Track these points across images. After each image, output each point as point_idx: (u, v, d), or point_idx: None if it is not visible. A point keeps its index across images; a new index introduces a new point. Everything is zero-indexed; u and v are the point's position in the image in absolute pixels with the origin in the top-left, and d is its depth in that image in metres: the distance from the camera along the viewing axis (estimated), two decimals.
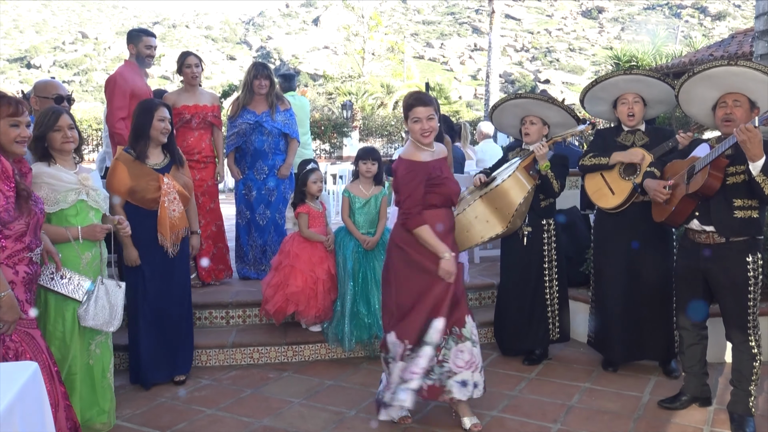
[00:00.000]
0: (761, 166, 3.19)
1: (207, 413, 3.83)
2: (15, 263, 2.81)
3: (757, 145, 3.15)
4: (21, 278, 2.83)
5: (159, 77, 69.29)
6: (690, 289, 3.64)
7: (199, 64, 5.49)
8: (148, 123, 3.99)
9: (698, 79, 3.55)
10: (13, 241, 2.79)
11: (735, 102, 3.40)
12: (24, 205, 2.78)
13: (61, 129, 3.33)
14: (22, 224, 2.80)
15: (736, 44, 14.40)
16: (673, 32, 33.91)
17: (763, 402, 3.83)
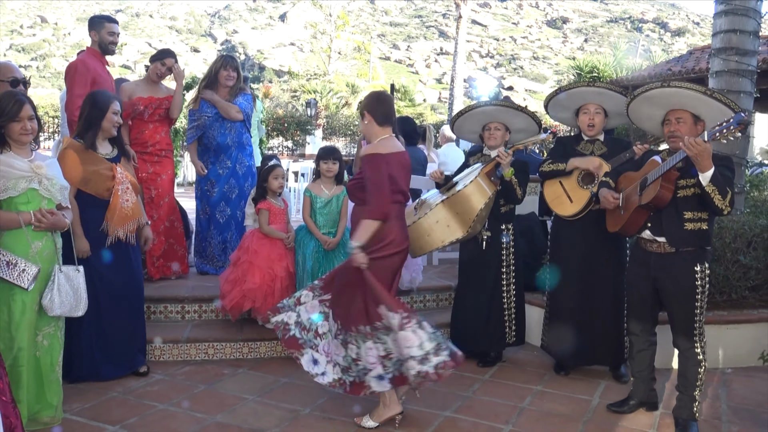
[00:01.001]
0: (710, 177, 3.29)
1: (159, 408, 3.79)
2: None
3: (706, 157, 3.26)
4: None
5: (120, 66, 67.91)
6: (640, 296, 3.73)
7: (172, 68, 5.39)
8: (101, 115, 3.94)
9: (640, 100, 3.72)
10: None
11: (677, 119, 3.54)
12: None
13: (21, 120, 3.27)
14: None
15: (693, 60, 14.77)
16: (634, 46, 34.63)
17: (707, 407, 3.95)
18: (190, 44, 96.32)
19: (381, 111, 3.66)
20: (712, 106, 3.44)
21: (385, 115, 3.66)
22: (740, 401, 4.09)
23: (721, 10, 5.75)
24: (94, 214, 3.94)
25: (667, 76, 14.00)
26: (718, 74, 5.76)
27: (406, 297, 5.36)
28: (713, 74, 5.83)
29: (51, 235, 3.44)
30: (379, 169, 3.52)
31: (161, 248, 5.46)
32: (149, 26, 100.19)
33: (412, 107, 33.12)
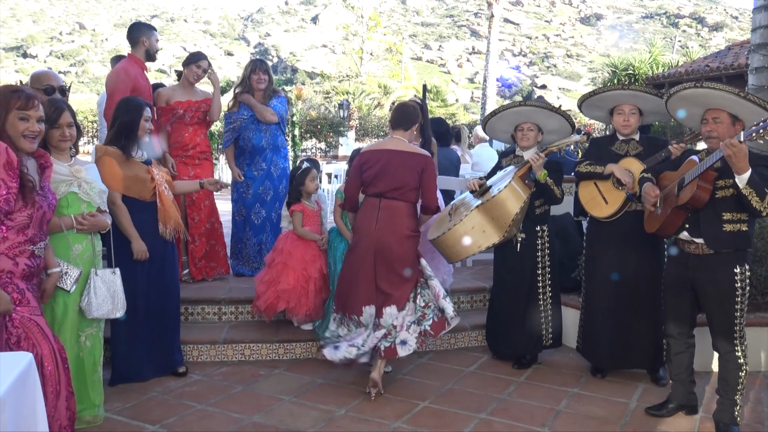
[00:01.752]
0: (747, 179, 3.24)
1: (197, 408, 3.85)
2: (15, 255, 2.79)
3: (742, 158, 3.21)
4: (21, 270, 2.81)
5: (156, 70, 69.10)
6: (678, 298, 3.68)
7: (207, 70, 5.47)
8: (136, 123, 4.02)
9: (675, 99, 3.68)
10: (15, 232, 2.78)
11: (714, 119, 3.48)
12: (28, 197, 2.77)
13: (60, 127, 3.34)
14: (25, 216, 2.79)
15: (732, 56, 14.47)
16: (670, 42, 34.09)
17: (748, 412, 3.88)
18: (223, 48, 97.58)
19: (391, 116, 4.38)
20: (748, 107, 3.38)
21: (393, 120, 4.32)
22: None
23: (761, 4, 5.63)
24: (139, 217, 4.02)
25: (704, 73, 13.75)
26: (758, 70, 5.65)
27: None
28: (752, 70, 5.71)
29: (90, 238, 3.52)
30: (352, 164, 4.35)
31: (203, 249, 5.54)
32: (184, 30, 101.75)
33: (444, 107, 33.03)
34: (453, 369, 4.59)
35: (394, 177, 4.10)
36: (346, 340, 4.15)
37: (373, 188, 4.16)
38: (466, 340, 5.11)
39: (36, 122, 2.84)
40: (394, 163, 4.12)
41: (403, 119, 4.26)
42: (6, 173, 2.66)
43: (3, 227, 2.74)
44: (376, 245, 4.10)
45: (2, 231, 2.74)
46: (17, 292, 2.78)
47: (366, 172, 4.16)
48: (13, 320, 2.75)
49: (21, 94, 2.83)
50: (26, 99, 2.82)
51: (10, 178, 2.67)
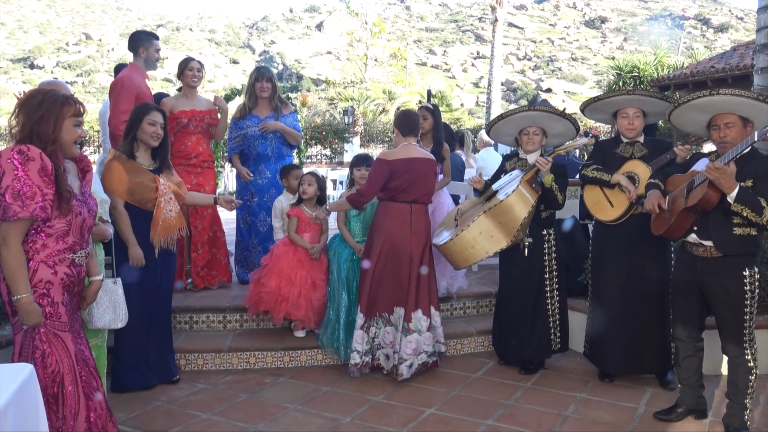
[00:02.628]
0: (735, 197, 3.25)
1: (202, 417, 3.83)
2: (55, 263, 2.76)
3: (728, 179, 3.23)
4: (60, 279, 2.77)
5: (162, 79, 69.41)
6: (687, 302, 3.64)
7: (201, 69, 5.52)
8: (137, 124, 4.02)
9: (685, 108, 3.64)
10: (55, 240, 2.75)
11: (727, 124, 3.45)
12: (64, 205, 2.73)
13: None
14: (64, 223, 2.75)
15: (737, 57, 14.42)
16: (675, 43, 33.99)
17: (758, 415, 3.83)
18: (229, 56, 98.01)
19: (403, 124, 4.48)
20: (760, 107, 3.35)
21: (406, 127, 4.47)
22: None
23: (766, 4, 5.60)
24: (139, 225, 4.02)
25: (710, 74, 13.70)
26: (764, 71, 5.61)
27: (445, 304, 5.33)
28: (758, 71, 5.68)
29: (93, 247, 3.51)
30: (376, 170, 4.35)
31: (205, 258, 5.53)
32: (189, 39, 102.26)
33: (449, 112, 33.02)
34: (459, 375, 4.56)
35: (425, 184, 4.42)
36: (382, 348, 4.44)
37: (406, 195, 4.35)
38: (472, 345, 5.08)
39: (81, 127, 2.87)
40: (423, 170, 4.40)
41: (414, 126, 4.51)
42: (41, 179, 2.64)
43: (42, 234, 2.71)
44: (413, 249, 4.36)
45: (41, 238, 2.71)
46: (51, 305, 2.74)
47: (397, 180, 4.30)
48: (40, 334, 2.72)
49: (71, 100, 2.82)
50: (77, 106, 2.82)
51: (45, 185, 2.65)
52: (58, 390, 2.73)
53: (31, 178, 2.62)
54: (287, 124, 5.66)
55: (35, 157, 2.63)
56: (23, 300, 2.64)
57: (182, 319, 5.01)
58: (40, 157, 2.65)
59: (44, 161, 2.66)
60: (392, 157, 4.35)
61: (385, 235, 4.36)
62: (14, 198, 2.59)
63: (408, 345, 4.33)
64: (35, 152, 2.64)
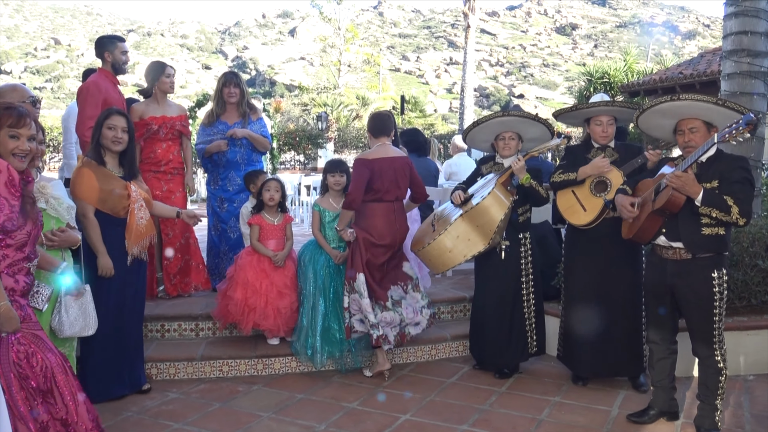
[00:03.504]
0: (701, 200, 3.32)
1: (174, 427, 3.77)
2: (15, 272, 2.73)
3: (691, 185, 3.32)
4: (21, 287, 2.75)
5: (133, 85, 68.67)
6: (659, 304, 3.68)
7: (174, 74, 5.46)
8: (97, 130, 3.97)
9: (649, 113, 3.70)
10: (15, 250, 2.71)
11: (691, 129, 3.51)
12: (30, 212, 2.74)
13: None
14: (24, 234, 2.72)
15: (705, 63, 14.68)
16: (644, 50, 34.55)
17: (729, 416, 3.88)
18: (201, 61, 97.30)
19: (373, 126, 4.70)
20: (723, 112, 3.41)
21: (376, 129, 4.67)
22: (763, 408, 4.01)
23: (731, 12, 5.70)
24: (110, 232, 3.96)
25: (678, 80, 13.93)
26: (730, 76, 5.70)
27: None
28: (725, 77, 5.77)
29: (61, 254, 3.45)
30: (357, 171, 4.48)
31: (177, 265, 5.46)
32: (161, 45, 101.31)
33: (423, 118, 33.17)
34: (434, 380, 4.56)
35: (404, 181, 4.61)
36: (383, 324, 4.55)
37: (389, 195, 4.55)
38: (447, 350, 5.08)
39: (27, 140, 2.80)
40: (401, 168, 4.59)
41: (387, 127, 4.68)
42: (8, 191, 2.63)
43: (2, 245, 2.67)
44: (398, 243, 4.65)
45: (2, 249, 2.67)
46: (20, 309, 2.74)
47: (379, 180, 4.48)
48: (18, 338, 2.70)
49: (13, 111, 2.79)
50: (18, 117, 2.79)
51: (12, 197, 2.65)
52: (51, 384, 2.76)
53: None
54: (255, 130, 5.61)
55: (2, 169, 2.61)
56: (3, 308, 2.60)
57: (153, 328, 4.93)
58: (7, 169, 2.62)
59: (11, 173, 2.63)
60: (371, 157, 4.52)
61: (371, 231, 4.51)
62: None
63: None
64: (2, 164, 2.62)
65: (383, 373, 4.53)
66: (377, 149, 4.59)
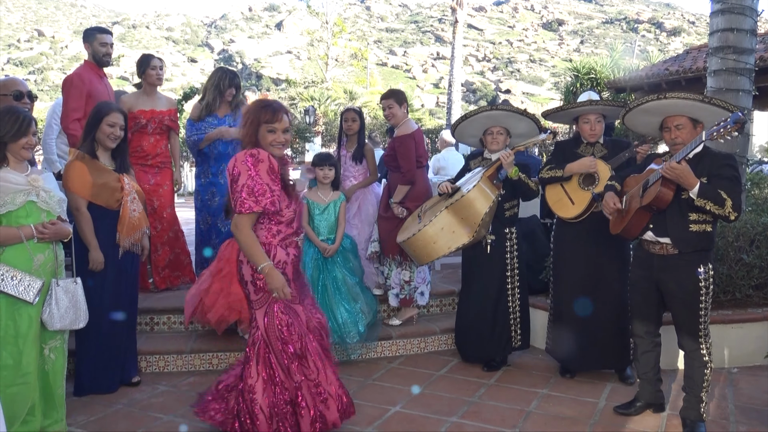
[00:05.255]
0: (697, 192, 3.33)
1: (164, 420, 3.77)
2: (286, 245, 3.26)
3: (686, 177, 3.32)
4: (291, 259, 3.28)
5: (118, 77, 68.08)
6: (644, 298, 3.73)
7: (162, 66, 5.44)
8: (96, 125, 3.95)
9: (636, 112, 3.72)
10: (285, 226, 3.24)
11: (677, 126, 3.54)
12: (292, 193, 3.26)
13: (28, 135, 3.31)
14: (291, 211, 3.25)
15: (690, 59, 14.77)
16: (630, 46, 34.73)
17: (714, 408, 3.94)
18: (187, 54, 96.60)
19: (402, 97, 5.19)
20: (709, 109, 3.45)
21: (403, 99, 5.19)
22: (747, 400, 4.07)
23: (717, 9, 5.75)
24: (102, 225, 3.95)
25: (664, 76, 14.01)
26: (716, 73, 5.75)
27: None
28: (711, 73, 5.82)
29: (52, 247, 3.43)
30: (407, 146, 4.97)
31: (166, 258, 5.45)
32: (146, 37, 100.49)
33: (410, 113, 33.07)
34: (423, 373, 4.59)
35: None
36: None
37: (424, 159, 5.24)
38: (436, 343, 5.11)
39: (282, 132, 3.18)
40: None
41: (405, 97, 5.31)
42: (270, 178, 3.11)
43: (274, 222, 3.20)
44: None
45: (275, 225, 3.20)
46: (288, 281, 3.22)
47: (420, 147, 5.11)
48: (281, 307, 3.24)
49: (269, 108, 3.18)
50: (273, 112, 3.17)
51: (273, 182, 3.12)
52: (304, 349, 3.25)
53: (262, 177, 3.07)
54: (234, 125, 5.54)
55: (264, 159, 3.09)
56: (267, 268, 3.11)
57: (143, 321, 4.93)
58: (268, 159, 3.10)
59: (271, 162, 3.12)
60: (411, 130, 5.06)
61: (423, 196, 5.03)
62: (249, 194, 3.04)
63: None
64: (264, 154, 3.10)
65: (412, 318, 5.20)
66: (409, 121, 5.13)
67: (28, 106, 4.28)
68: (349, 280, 4.63)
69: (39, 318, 3.35)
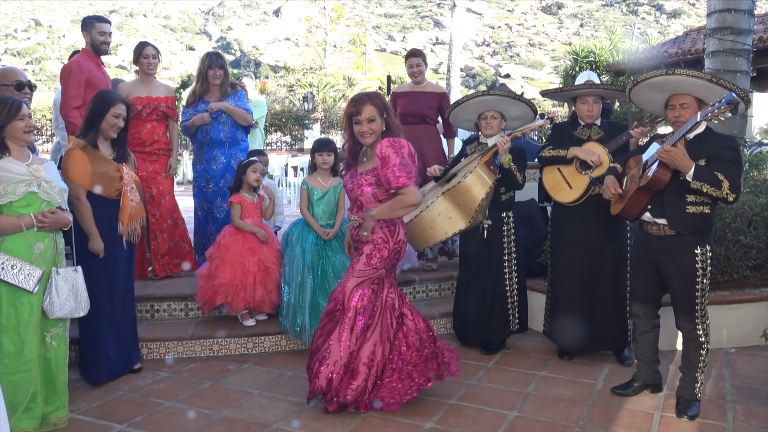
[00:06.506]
0: (693, 174, 3.33)
1: (165, 405, 3.81)
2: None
3: (681, 159, 3.33)
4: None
5: (116, 66, 67.78)
6: (643, 279, 3.74)
7: (157, 55, 5.42)
8: (101, 115, 3.94)
9: (643, 86, 3.71)
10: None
11: (682, 105, 3.54)
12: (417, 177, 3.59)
13: (24, 118, 3.30)
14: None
15: (689, 41, 14.71)
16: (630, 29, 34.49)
17: (710, 387, 3.97)
18: (185, 42, 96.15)
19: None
20: (716, 90, 3.43)
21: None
22: (744, 380, 4.10)
23: None
24: (103, 214, 3.96)
25: (663, 59, 13.97)
26: (714, 54, 5.74)
27: (408, 287, 5.37)
28: (709, 54, 5.81)
29: (52, 236, 3.45)
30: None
31: (165, 246, 5.47)
32: (144, 26, 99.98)
33: None
34: None
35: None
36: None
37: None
38: (435, 327, 5.11)
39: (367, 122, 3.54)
40: None
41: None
42: (411, 160, 3.52)
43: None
44: None
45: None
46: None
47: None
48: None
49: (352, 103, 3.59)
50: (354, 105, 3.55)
51: (414, 165, 3.53)
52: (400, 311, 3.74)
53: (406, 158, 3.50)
54: (232, 103, 5.55)
55: (405, 144, 3.54)
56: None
57: (143, 308, 4.96)
58: (407, 145, 3.56)
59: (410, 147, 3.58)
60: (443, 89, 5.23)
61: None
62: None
63: None
64: (402, 141, 3.54)
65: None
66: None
67: (28, 95, 4.29)
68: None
69: (40, 306, 3.37)
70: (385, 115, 3.60)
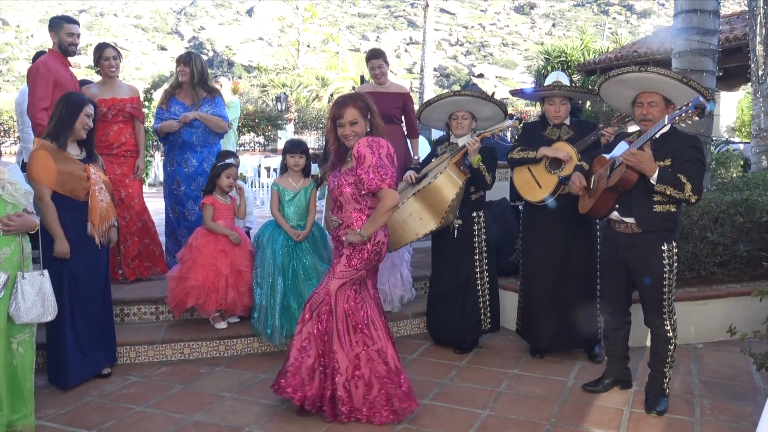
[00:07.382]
0: (657, 178, 3.39)
1: (136, 410, 3.76)
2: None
3: (646, 162, 3.38)
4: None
5: (86, 67, 66.85)
6: (612, 277, 3.78)
7: (117, 56, 5.34)
8: (75, 116, 3.89)
9: (613, 82, 3.74)
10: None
11: (650, 103, 3.58)
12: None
13: None
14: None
15: (658, 41, 14.92)
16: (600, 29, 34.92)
17: (678, 382, 4.03)
18: (156, 42, 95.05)
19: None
20: (685, 91, 3.48)
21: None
22: (711, 375, 4.17)
23: None
24: (71, 215, 3.91)
25: (632, 58, 14.15)
26: (681, 54, 5.83)
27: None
28: (676, 54, 5.90)
29: (19, 239, 3.39)
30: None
31: (135, 249, 5.40)
32: (114, 26, 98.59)
33: None
34: None
35: None
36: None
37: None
38: (408, 327, 5.14)
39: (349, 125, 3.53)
40: None
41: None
42: (389, 161, 3.49)
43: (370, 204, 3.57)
44: None
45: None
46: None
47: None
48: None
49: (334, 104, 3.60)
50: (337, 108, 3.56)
51: (391, 165, 3.50)
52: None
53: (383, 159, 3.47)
54: (207, 110, 5.48)
55: (384, 145, 3.51)
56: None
57: (113, 312, 4.88)
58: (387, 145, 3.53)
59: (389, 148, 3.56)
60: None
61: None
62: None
63: None
64: (382, 141, 3.53)
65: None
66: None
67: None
68: (319, 266, 4.63)
69: (6, 312, 3.31)
70: (369, 116, 3.59)
